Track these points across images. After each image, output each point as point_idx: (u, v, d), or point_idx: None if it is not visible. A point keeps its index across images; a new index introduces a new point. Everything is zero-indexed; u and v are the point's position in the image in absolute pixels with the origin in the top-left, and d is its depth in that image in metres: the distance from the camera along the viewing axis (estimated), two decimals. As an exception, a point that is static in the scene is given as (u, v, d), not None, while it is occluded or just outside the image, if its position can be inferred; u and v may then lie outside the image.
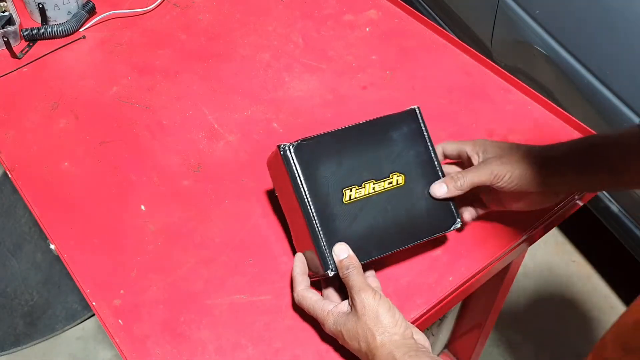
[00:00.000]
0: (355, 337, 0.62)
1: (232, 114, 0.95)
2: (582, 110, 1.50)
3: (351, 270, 0.65)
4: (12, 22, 1.04)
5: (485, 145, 0.73)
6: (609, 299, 1.77)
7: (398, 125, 0.72)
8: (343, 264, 0.66)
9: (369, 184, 0.70)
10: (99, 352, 1.66)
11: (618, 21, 1.34)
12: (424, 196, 0.72)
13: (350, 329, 0.62)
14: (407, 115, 0.73)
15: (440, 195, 0.71)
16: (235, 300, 0.73)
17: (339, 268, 0.66)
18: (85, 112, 0.95)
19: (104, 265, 0.77)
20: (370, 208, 0.70)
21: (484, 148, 0.72)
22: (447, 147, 0.76)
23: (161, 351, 0.69)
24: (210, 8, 1.14)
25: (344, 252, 0.67)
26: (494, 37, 1.75)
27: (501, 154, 0.71)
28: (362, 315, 0.62)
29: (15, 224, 1.81)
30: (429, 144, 0.73)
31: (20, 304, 1.69)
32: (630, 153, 0.66)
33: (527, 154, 0.70)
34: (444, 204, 0.73)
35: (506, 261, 0.81)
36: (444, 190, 0.71)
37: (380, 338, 0.61)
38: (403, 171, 0.72)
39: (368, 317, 0.62)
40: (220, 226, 0.80)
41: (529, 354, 1.67)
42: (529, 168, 0.69)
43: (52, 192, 0.84)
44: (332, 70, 1.02)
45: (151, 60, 1.04)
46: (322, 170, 0.68)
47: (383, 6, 1.14)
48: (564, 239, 1.90)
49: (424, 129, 0.73)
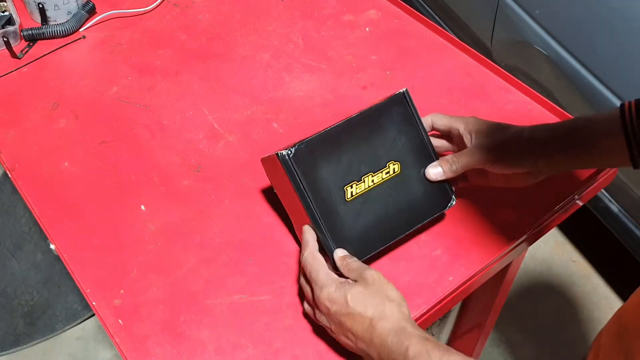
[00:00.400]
0: (361, 302, 0.61)
1: (232, 114, 0.95)
2: (582, 110, 1.49)
3: (352, 260, 0.67)
4: (12, 22, 1.04)
5: (477, 125, 0.73)
6: (609, 299, 1.77)
7: (388, 111, 0.73)
8: (344, 258, 0.67)
9: (367, 177, 0.71)
10: (99, 352, 1.66)
11: (618, 21, 1.34)
12: (420, 180, 0.74)
13: (355, 293, 0.62)
14: (396, 100, 0.73)
15: (435, 178, 0.73)
16: (235, 300, 0.73)
17: (339, 264, 0.67)
18: (85, 112, 0.95)
19: (104, 265, 0.77)
20: (371, 201, 0.71)
21: (477, 128, 0.72)
22: (437, 120, 0.76)
23: (161, 351, 0.69)
24: (210, 8, 1.14)
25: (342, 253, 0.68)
26: (494, 37, 1.75)
27: (492, 136, 0.71)
28: (371, 283, 0.63)
29: (15, 224, 1.81)
30: (419, 127, 0.74)
31: (20, 304, 1.69)
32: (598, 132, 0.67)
33: (517, 135, 0.70)
34: (439, 184, 0.74)
35: (506, 261, 0.81)
36: (440, 174, 0.73)
37: (389, 305, 0.61)
38: (398, 159, 0.72)
39: (379, 285, 0.63)
40: (220, 226, 0.80)
41: (529, 354, 1.67)
42: (519, 150, 0.70)
43: (52, 192, 0.84)
44: (332, 70, 1.02)
45: (151, 60, 1.04)
46: (323, 172, 0.69)
47: (383, 6, 1.14)
48: (564, 239, 1.90)
49: (414, 113, 0.74)
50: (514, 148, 0.70)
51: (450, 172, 0.73)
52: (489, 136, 0.72)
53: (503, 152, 0.70)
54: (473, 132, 0.73)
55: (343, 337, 0.64)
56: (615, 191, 1.54)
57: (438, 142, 0.78)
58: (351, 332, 0.62)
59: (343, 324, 0.62)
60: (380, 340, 0.60)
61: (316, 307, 0.66)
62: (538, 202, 0.82)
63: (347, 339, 0.63)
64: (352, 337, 0.62)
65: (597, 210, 1.62)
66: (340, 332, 0.63)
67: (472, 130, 0.73)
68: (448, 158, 0.73)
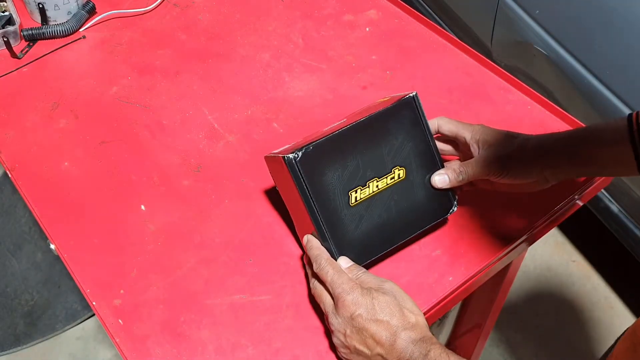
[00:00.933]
0: (387, 310, 0.62)
1: (232, 114, 0.95)
2: (582, 110, 1.49)
3: (361, 272, 0.67)
4: (12, 22, 1.04)
5: (484, 134, 0.73)
6: (609, 299, 1.77)
7: (396, 116, 0.72)
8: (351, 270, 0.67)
9: (372, 182, 0.70)
10: (99, 352, 1.66)
11: (618, 21, 1.34)
12: (424, 186, 0.73)
13: (382, 301, 0.62)
14: (405, 104, 0.72)
15: (441, 186, 0.73)
16: (235, 300, 0.73)
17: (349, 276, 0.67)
18: (85, 112, 0.95)
19: (104, 265, 0.77)
20: (375, 206, 0.71)
21: (483, 138, 0.72)
22: (444, 125, 0.76)
23: (161, 351, 0.69)
24: (210, 8, 1.14)
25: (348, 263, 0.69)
26: (494, 37, 1.75)
27: (499, 147, 0.71)
28: (396, 294, 0.64)
29: (15, 224, 1.81)
30: (427, 132, 0.73)
31: (20, 304, 1.69)
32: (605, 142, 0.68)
33: (523, 146, 0.71)
34: (442, 190, 0.74)
35: (506, 261, 0.81)
36: (446, 182, 0.73)
37: (412, 317, 0.63)
38: (403, 164, 0.72)
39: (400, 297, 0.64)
40: (220, 226, 0.80)
41: (529, 354, 1.67)
42: (525, 162, 0.70)
43: (52, 192, 0.84)
44: (332, 70, 1.02)
45: (151, 60, 1.04)
46: (328, 176, 0.68)
47: (383, 6, 1.14)
48: (564, 239, 1.90)
49: (422, 117, 0.73)
50: (520, 160, 0.70)
51: (455, 182, 0.73)
52: (495, 147, 0.71)
53: (510, 164, 0.70)
54: (480, 142, 0.73)
55: (357, 342, 0.63)
56: (615, 191, 1.54)
57: (443, 146, 0.78)
58: (373, 338, 0.62)
59: (366, 329, 0.62)
60: (403, 345, 0.61)
61: (336, 311, 0.65)
62: (538, 202, 0.82)
63: (363, 344, 0.62)
64: (370, 342, 0.62)
65: (597, 210, 1.62)
66: (357, 337, 0.63)
67: (480, 140, 0.73)
68: (455, 167, 0.73)
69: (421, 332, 0.62)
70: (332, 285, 0.65)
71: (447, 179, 0.73)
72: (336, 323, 0.64)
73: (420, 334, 0.61)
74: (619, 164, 0.67)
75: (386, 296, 0.63)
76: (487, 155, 0.72)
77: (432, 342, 0.60)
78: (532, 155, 0.70)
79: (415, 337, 0.61)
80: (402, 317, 0.62)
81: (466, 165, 0.73)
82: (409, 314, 0.63)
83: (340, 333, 0.64)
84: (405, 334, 0.61)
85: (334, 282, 0.65)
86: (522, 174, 0.71)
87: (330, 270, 0.66)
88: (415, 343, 0.60)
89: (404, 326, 0.61)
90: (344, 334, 0.64)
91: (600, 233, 1.75)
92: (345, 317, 0.63)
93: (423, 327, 0.63)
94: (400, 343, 0.61)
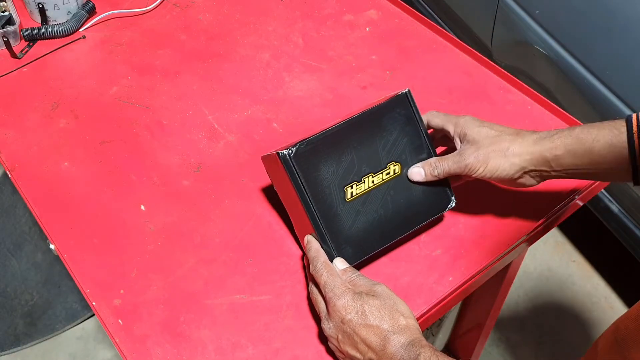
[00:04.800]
0: (378, 314, 0.62)
1: (232, 114, 0.95)
2: (582, 110, 1.49)
3: (355, 274, 0.67)
4: (12, 22, 1.04)
5: (466, 129, 0.72)
6: (609, 299, 1.77)
7: (390, 112, 0.72)
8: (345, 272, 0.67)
9: (368, 177, 0.71)
10: (99, 352, 1.66)
11: (618, 21, 1.34)
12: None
13: (372, 305, 0.62)
14: (398, 101, 0.73)
15: (417, 179, 0.73)
16: (235, 300, 0.73)
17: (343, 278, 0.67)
18: (85, 112, 0.95)
19: (104, 265, 0.77)
20: (371, 202, 0.71)
21: (465, 132, 0.71)
22: (432, 120, 0.76)
23: (161, 351, 0.69)
24: (210, 8, 1.14)
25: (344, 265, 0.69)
26: (494, 37, 1.75)
27: (478, 145, 0.70)
28: (386, 298, 0.63)
29: (15, 224, 1.81)
30: (421, 128, 0.74)
31: (20, 304, 1.69)
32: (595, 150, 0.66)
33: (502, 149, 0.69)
34: (439, 186, 0.74)
35: (506, 261, 0.81)
36: (422, 176, 0.73)
37: (403, 320, 0.62)
38: (399, 160, 0.73)
39: (392, 300, 0.63)
40: (220, 226, 0.80)
41: (529, 354, 1.67)
42: (502, 163, 0.69)
43: (52, 192, 0.84)
44: (332, 70, 1.02)
45: (151, 60, 1.04)
46: (323, 172, 0.69)
47: (383, 6, 1.14)
48: (564, 239, 1.90)
49: (415, 113, 0.73)
50: (497, 158, 0.69)
51: (431, 176, 0.72)
52: (475, 144, 0.70)
53: (484, 162, 0.69)
54: (461, 136, 0.72)
55: (349, 347, 0.63)
56: (615, 191, 1.54)
57: (441, 140, 0.78)
58: (364, 342, 0.62)
59: (357, 334, 0.62)
60: (394, 350, 0.60)
61: (328, 315, 0.65)
62: (538, 202, 0.82)
63: (355, 349, 0.62)
64: (362, 347, 0.62)
65: (597, 210, 1.62)
66: (348, 342, 0.63)
67: (461, 134, 0.72)
68: (431, 161, 0.73)
69: (411, 335, 0.61)
70: (325, 289, 0.65)
71: (423, 172, 0.72)
72: (327, 328, 0.65)
73: (410, 337, 0.61)
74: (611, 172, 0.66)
75: (377, 300, 0.63)
76: (465, 151, 0.71)
77: (421, 345, 0.60)
78: (509, 159, 0.69)
79: (405, 341, 0.60)
80: (393, 320, 0.62)
81: (442, 159, 0.72)
82: (399, 317, 0.62)
83: (333, 338, 0.64)
84: (396, 338, 0.61)
85: (326, 286, 0.65)
86: (499, 172, 0.69)
87: (325, 273, 0.66)
88: (405, 347, 0.60)
89: (394, 330, 0.61)
90: (337, 339, 0.64)
91: (600, 233, 1.75)
92: (336, 322, 0.63)
93: (414, 330, 0.62)
94: (390, 348, 0.60)
